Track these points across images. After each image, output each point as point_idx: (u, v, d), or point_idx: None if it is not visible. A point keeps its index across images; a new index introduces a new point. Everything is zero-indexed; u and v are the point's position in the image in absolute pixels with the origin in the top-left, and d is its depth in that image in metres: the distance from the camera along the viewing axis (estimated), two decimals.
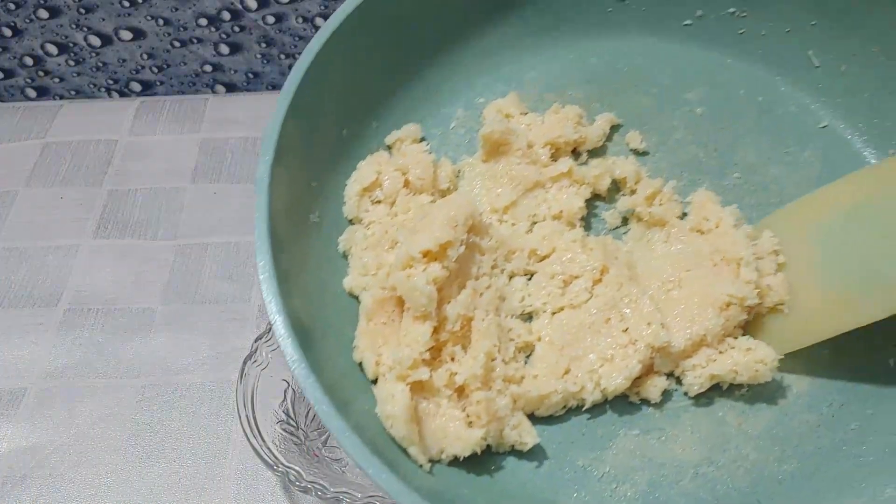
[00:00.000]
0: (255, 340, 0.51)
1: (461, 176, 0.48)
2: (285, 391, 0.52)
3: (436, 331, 0.39)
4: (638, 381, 0.40)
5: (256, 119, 0.76)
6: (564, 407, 0.40)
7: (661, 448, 0.40)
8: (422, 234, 0.39)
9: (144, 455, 0.53)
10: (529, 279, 0.44)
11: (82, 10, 0.75)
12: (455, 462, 0.37)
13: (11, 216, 0.68)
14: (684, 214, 0.46)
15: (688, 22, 0.52)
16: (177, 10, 0.75)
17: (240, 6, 0.75)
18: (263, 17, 0.76)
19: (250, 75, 0.81)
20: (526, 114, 0.50)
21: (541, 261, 0.45)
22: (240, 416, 0.48)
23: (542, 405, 0.40)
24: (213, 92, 0.83)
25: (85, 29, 0.77)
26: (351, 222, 0.45)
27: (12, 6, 0.74)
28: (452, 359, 0.39)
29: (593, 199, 0.48)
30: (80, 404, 0.56)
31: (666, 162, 0.49)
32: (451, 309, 0.39)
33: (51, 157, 0.73)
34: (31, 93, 0.82)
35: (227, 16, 0.76)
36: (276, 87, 0.82)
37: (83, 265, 0.64)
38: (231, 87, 0.83)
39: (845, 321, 0.40)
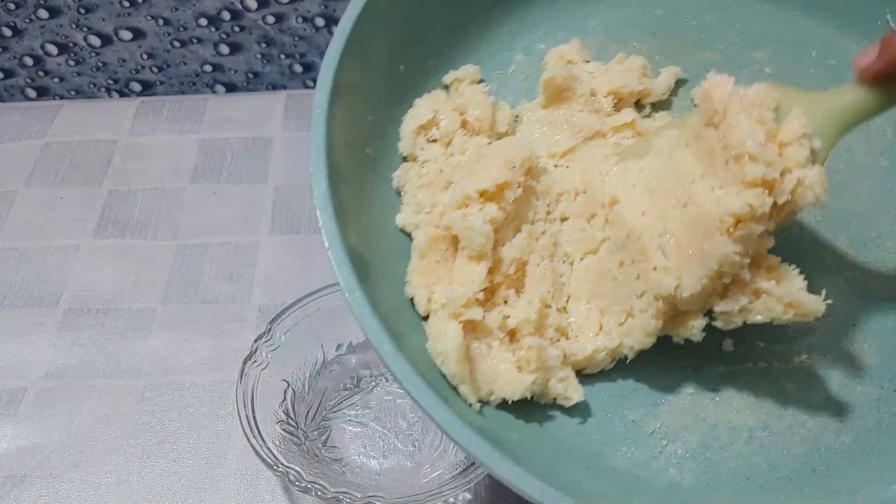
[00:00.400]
0: (255, 340, 0.51)
1: (520, 121, 0.47)
2: (285, 391, 0.52)
3: (490, 272, 0.38)
4: (674, 321, 0.38)
5: (256, 119, 0.76)
6: (612, 360, 0.39)
7: (714, 409, 0.39)
8: (479, 174, 0.39)
9: (144, 455, 0.53)
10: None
11: (82, 10, 0.75)
12: (504, 405, 0.37)
13: (11, 216, 0.68)
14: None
15: None
16: (177, 10, 0.75)
17: (240, 6, 0.75)
18: (263, 17, 0.76)
19: (250, 75, 0.81)
20: (588, 62, 0.48)
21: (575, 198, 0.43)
22: (240, 416, 0.48)
23: (589, 364, 0.39)
24: (213, 92, 0.83)
25: (85, 29, 0.77)
26: (405, 159, 0.44)
27: (12, 6, 0.74)
28: (505, 302, 0.39)
29: None
30: (80, 404, 0.55)
31: None
32: (507, 252, 0.39)
33: (51, 157, 0.73)
34: (31, 93, 0.82)
35: (227, 16, 0.76)
36: (276, 86, 0.82)
37: (83, 265, 0.64)
38: (231, 87, 0.83)
39: None
